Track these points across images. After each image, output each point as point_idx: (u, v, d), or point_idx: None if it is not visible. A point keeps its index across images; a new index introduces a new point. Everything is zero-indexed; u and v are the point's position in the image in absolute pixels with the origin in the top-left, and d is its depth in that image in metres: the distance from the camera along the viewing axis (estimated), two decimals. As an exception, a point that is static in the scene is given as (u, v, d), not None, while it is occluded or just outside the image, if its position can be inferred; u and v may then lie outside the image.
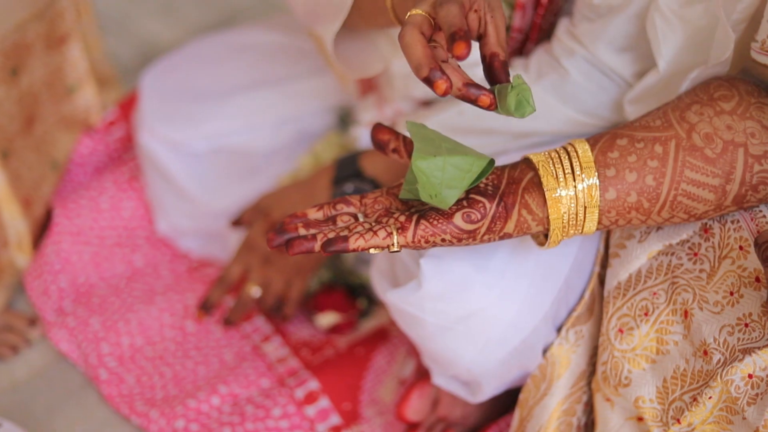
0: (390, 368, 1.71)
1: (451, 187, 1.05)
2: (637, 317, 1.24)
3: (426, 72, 0.96)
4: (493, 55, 1.02)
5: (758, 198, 1.14)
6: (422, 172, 1.04)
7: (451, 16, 0.98)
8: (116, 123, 2.03)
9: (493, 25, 1.03)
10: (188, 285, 1.86)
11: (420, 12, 1.02)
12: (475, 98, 1.00)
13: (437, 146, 1.07)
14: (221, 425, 1.58)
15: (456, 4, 0.99)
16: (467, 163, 1.05)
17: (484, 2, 1.03)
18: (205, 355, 1.75)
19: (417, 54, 0.97)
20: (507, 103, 1.01)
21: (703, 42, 1.27)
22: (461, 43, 0.95)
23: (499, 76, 1.02)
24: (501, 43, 1.03)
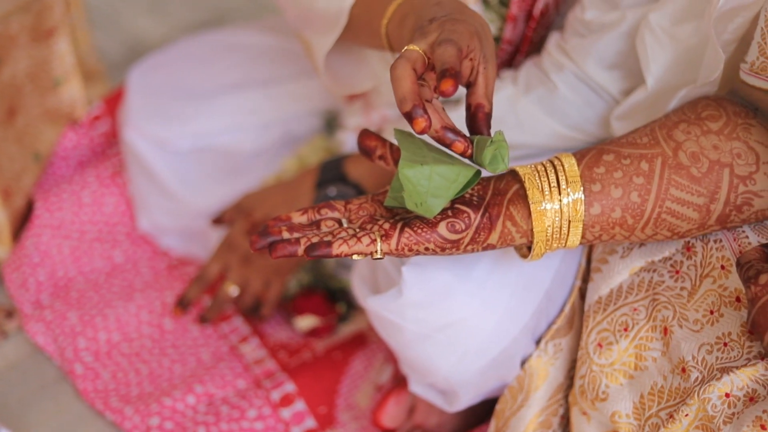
0: (367, 374, 1.71)
1: (437, 196, 1.04)
2: (617, 332, 1.24)
3: (409, 107, 0.98)
4: (478, 105, 1.05)
5: (742, 218, 1.14)
6: (408, 180, 1.04)
7: (447, 55, 0.99)
8: (101, 118, 2.02)
9: (484, 76, 1.05)
10: (167, 283, 1.84)
11: (417, 49, 1.03)
12: (450, 143, 1.02)
13: (424, 155, 1.07)
14: (196, 424, 1.57)
15: (455, 47, 1.00)
16: (453, 172, 1.05)
17: (480, 53, 1.05)
18: (181, 353, 1.73)
19: (404, 88, 0.99)
20: (483, 155, 1.03)
21: (692, 61, 1.27)
22: (450, 80, 0.97)
23: (481, 128, 1.05)
24: (489, 95, 1.05)
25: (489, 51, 1.07)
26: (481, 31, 1.08)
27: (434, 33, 1.05)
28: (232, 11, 2.67)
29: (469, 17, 1.09)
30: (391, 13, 1.18)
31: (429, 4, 1.13)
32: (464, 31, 1.04)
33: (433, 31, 1.05)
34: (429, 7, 1.12)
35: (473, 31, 1.05)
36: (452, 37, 1.02)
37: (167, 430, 1.56)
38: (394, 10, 1.17)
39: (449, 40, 1.01)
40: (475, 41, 1.05)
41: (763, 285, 1.01)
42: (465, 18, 1.07)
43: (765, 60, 1.11)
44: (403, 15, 1.15)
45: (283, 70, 1.88)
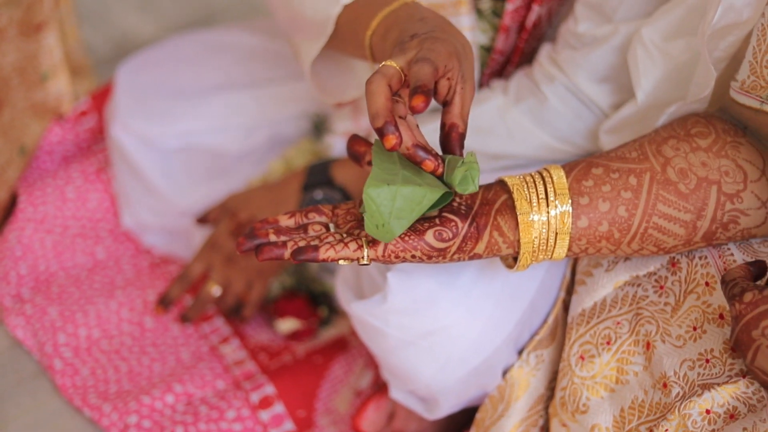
0: (347, 378, 1.70)
1: (400, 217, 1.03)
2: (599, 345, 1.23)
3: (380, 123, 0.98)
4: (452, 125, 1.05)
5: (727, 236, 1.15)
6: (372, 200, 1.02)
7: (422, 73, 0.99)
8: (88, 113, 2.00)
9: (460, 96, 1.05)
10: (149, 281, 1.83)
11: (394, 65, 1.03)
12: (420, 161, 1.03)
13: (395, 172, 1.06)
14: (174, 424, 1.56)
15: (431, 65, 1.00)
16: (419, 194, 1.04)
17: (458, 72, 1.05)
18: (161, 352, 1.72)
19: (378, 104, 0.99)
20: (453, 175, 1.04)
21: (683, 77, 1.27)
22: (421, 96, 0.97)
23: (454, 148, 1.05)
24: (464, 115, 1.05)
25: (468, 71, 1.07)
26: (462, 50, 1.08)
27: (413, 50, 1.05)
28: (222, 11, 2.66)
29: (451, 35, 1.08)
30: (375, 25, 1.18)
31: (413, 19, 1.13)
32: (443, 50, 1.04)
33: (412, 49, 1.05)
34: (413, 22, 1.12)
35: (452, 50, 1.05)
36: (429, 56, 1.02)
37: (145, 428, 1.55)
38: (379, 23, 1.17)
39: (426, 59, 1.01)
40: (453, 61, 1.04)
41: (748, 303, 1.01)
42: (446, 37, 1.07)
43: (756, 79, 1.12)
44: (387, 28, 1.15)
45: (273, 72, 1.87)
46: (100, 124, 2.00)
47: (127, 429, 1.55)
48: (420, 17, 1.13)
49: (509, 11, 1.46)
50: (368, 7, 1.21)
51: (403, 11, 1.16)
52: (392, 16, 1.16)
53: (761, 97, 1.11)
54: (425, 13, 1.14)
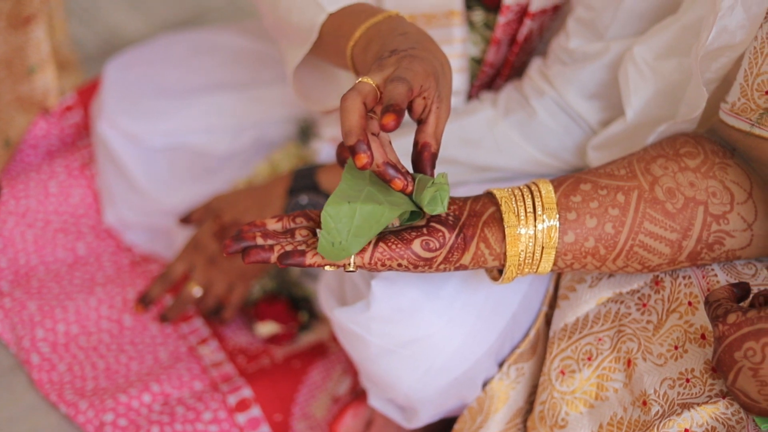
0: (325, 384, 1.69)
1: (359, 235, 1.03)
2: (580, 361, 1.23)
3: (353, 141, 0.97)
4: (425, 144, 1.05)
5: (712, 257, 1.15)
6: (331, 218, 1.02)
7: (395, 93, 0.98)
8: (73, 108, 1.99)
9: (435, 115, 1.05)
10: (129, 279, 1.81)
11: (370, 82, 1.02)
12: (390, 179, 1.02)
13: (360, 189, 1.05)
14: (150, 423, 1.54)
15: (406, 85, 0.99)
16: (377, 213, 1.03)
17: (435, 92, 1.04)
18: (139, 351, 1.71)
19: (351, 122, 0.98)
20: (423, 195, 1.03)
21: (673, 97, 1.27)
22: (392, 115, 0.96)
23: (425, 167, 1.05)
24: (437, 135, 1.05)
25: (444, 90, 1.06)
26: (440, 70, 1.07)
27: (390, 67, 1.04)
28: (211, 11, 2.64)
29: (431, 54, 1.08)
30: (358, 36, 1.17)
31: (395, 33, 1.12)
32: (420, 69, 1.03)
33: (390, 66, 1.04)
34: (394, 36, 1.12)
35: (430, 70, 1.04)
36: (406, 75, 1.01)
37: (121, 427, 1.54)
38: (361, 34, 1.17)
39: (401, 79, 1.00)
40: (430, 80, 1.04)
41: (732, 324, 1.01)
42: (425, 55, 1.06)
43: (746, 101, 1.12)
44: (369, 40, 1.15)
45: (261, 74, 1.86)
46: (85, 120, 1.99)
47: (103, 427, 1.53)
48: (402, 31, 1.12)
49: (501, 24, 1.46)
50: (352, 17, 1.20)
51: (386, 24, 1.16)
52: (375, 28, 1.16)
53: (751, 120, 1.11)
54: (408, 28, 1.14)
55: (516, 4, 1.43)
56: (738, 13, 1.09)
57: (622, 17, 1.33)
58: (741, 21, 1.10)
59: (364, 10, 1.22)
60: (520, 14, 1.45)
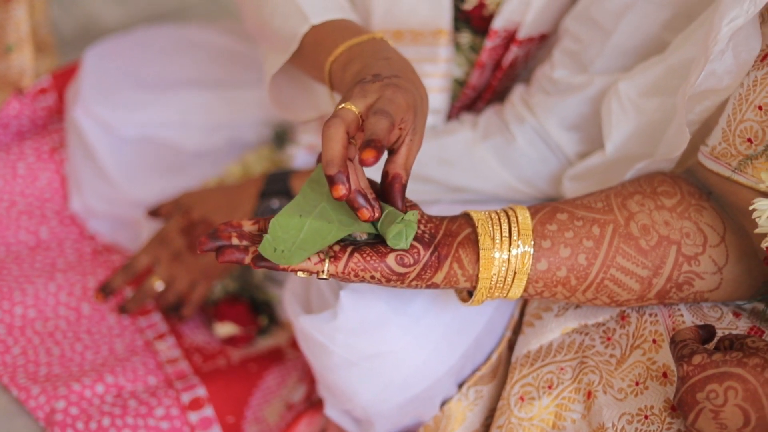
0: (279, 390, 1.67)
1: (303, 248, 1.02)
2: (541, 388, 1.22)
3: (334, 172, 0.96)
4: (396, 176, 1.04)
5: (680, 297, 1.15)
6: (280, 227, 1.02)
7: (378, 127, 0.97)
8: (47, 92, 1.96)
9: (407, 147, 1.04)
10: (91, 267, 1.78)
11: (353, 110, 1.01)
12: (358, 207, 1.01)
13: (315, 205, 1.06)
14: (102, 414, 1.51)
15: (388, 120, 0.98)
16: (325, 230, 1.03)
17: (411, 124, 1.03)
18: (96, 340, 1.68)
19: (334, 151, 0.97)
20: (389, 229, 1.03)
21: (653, 135, 1.27)
22: (373, 151, 0.95)
23: (396, 199, 1.04)
24: (407, 166, 1.04)
25: (420, 123, 1.06)
26: (419, 103, 1.07)
27: (373, 95, 1.03)
28: (191, 6, 2.62)
29: (413, 85, 1.07)
30: (339, 52, 1.16)
31: (378, 57, 1.11)
32: (402, 102, 1.02)
33: (373, 93, 1.03)
34: (377, 60, 1.11)
35: (411, 103, 1.04)
36: (389, 108, 1.00)
37: (72, 415, 1.50)
38: (342, 51, 1.16)
39: (385, 113, 0.99)
40: (410, 114, 1.03)
41: (696, 365, 1.00)
42: (408, 86, 1.05)
43: (727, 146, 1.12)
44: (350, 58, 1.14)
45: (240, 75, 1.85)
46: (58, 104, 1.96)
47: (54, 414, 1.50)
48: (385, 56, 1.11)
49: (487, 48, 1.46)
50: (336, 33, 1.20)
51: (369, 46, 1.15)
52: (358, 48, 1.15)
53: (731, 165, 1.11)
54: (391, 54, 1.13)
55: (504, 30, 1.43)
56: (728, 58, 1.10)
57: (608, 52, 1.33)
58: (729, 66, 1.10)
59: (348, 28, 1.21)
60: (507, 40, 1.45)
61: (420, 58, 1.48)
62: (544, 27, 1.44)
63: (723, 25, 1.06)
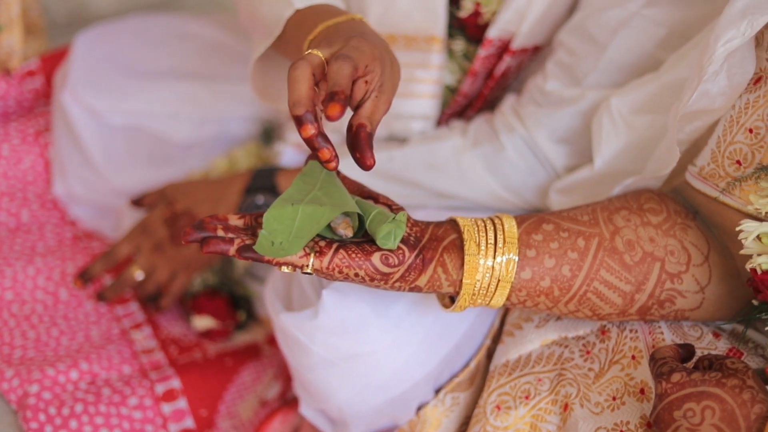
0: (254, 386, 1.66)
1: (300, 236, 1.02)
2: (517, 398, 1.22)
3: (301, 111, 0.95)
4: (360, 125, 1.00)
5: (661, 314, 1.15)
6: (274, 219, 1.02)
7: (340, 75, 0.96)
8: (35, 74, 1.93)
9: (373, 103, 1.02)
10: (70, 253, 1.77)
11: (319, 54, 1.01)
12: (318, 148, 0.98)
13: (306, 193, 1.06)
14: (75, 400, 1.49)
15: (351, 65, 0.98)
16: (318, 213, 1.03)
17: (378, 79, 1.03)
18: (72, 326, 1.66)
19: (300, 92, 0.96)
20: (379, 228, 1.04)
21: (642, 152, 1.27)
22: (337, 105, 0.94)
23: (363, 147, 1.00)
24: (373, 119, 1.02)
25: (387, 84, 1.04)
26: (388, 61, 1.06)
27: (338, 44, 1.03)
28: (182, -2, 2.61)
29: (383, 50, 1.06)
30: (317, 32, 1.15)
31: (352, 32, 1.10)
32: (368, 50, 1.01)
33: (338, 43, 1.03)
34: (351, 34, 1.10)
35: (377, 54, 1.03)
36: (352, 54, 0.99)
37: (44, 400, 1.49)
38: (321, 31, 1.15)
39: (347, 57, 0.98)
40: (376, 64, 1.02)
41: (675, 383, 1.00)
42: (374, 40, 1.05)
43: (715, 167, 1.12)
44: (326, 37, 1.13)
45: (232, 69, 1.84)
46: (45, 87, 1.94)
47: (27, 397, 1.48)
48: (360, 31, 1.11)
49: (481, 57, 1.46)
50: (316, 15, 1.19)
51: (346, 25, 1.14)
52: (334, 27, 1.14)
53: (718, 186, 1.12)
54: (367, 30, 1.12)
55: (498, 39, 1.43)
56: (721, 79, 1.10)
57: (602, 67, 1.34)
58: (723, 87, 1.10)
59: (329, 10, 1.21)
60: (501, 49, 1.45)
61: (412, 63, 1.48)
62: (539, 38, 1.44)
63: (719, 45, 1.07)
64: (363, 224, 1.07)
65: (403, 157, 1.46)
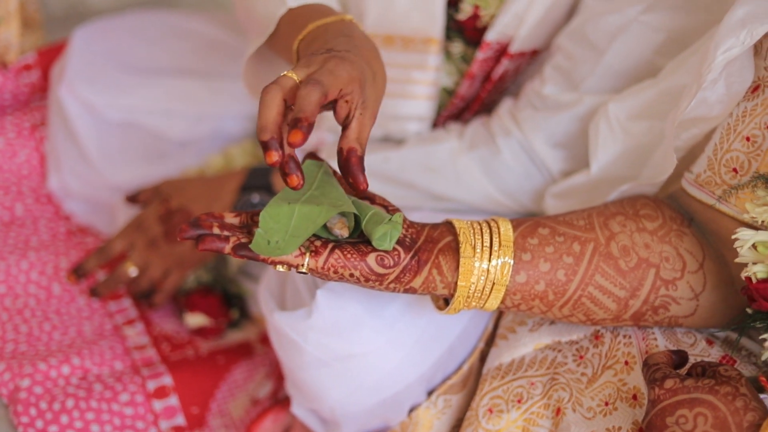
0: (246, 385, 1.66)
1: (296, 235, 1.02)
2: (510, 402, 1.22)
3: (266, 138, 0.95)
4: (351, 150, 1.01)
5: (655, 320, 1.15)
6: (270, 218, 1.02)
7: (306, 101, 0.95)
8: (32, 68, 1.93)
9: (358, 121, 1.02)
10: (64, 248, 1.76)
11: (293, 78, 1.00)
12: (287, 173, 0.99)
13: (304, 191, 1.06)
14: (66, 396, 1.49)
15: (319, 92, 0.97)
16: (314, 213, 1.02)
17: (359, 98, 1.02)
18: (64, 321, 1.66)
19: (268, 118, 0.96)
20: (375, 230, 1.03)
21: (639, 158, 1.27)
22: (299, 132, 0.93)
23: (355, 172, 1.01)
24: (361, 140, 1.02)
25: (371, 99, 1.04)
26: (371, 78, 1.05)
27: (315, 66, 1.01)
28: (181, -6, 2.61)
29: (364, 60, 1.06)
30: (306, 32, 1.15)
31: (340, 34, 1.10)
32: (344, 74, 1.00)
33: (316, 64, 1.02)
34: (338, 36, 1.10)
35: (355, 75, 1.02)
36: (324, 79, 0.98)
37: (36, 394, 1.49)
38: (310, 30, 1.14)
39: (318, 83, 0.97)
40: (354, 86, 1.01)
41: (668, 389, 1.00)
42: (356, 60, 1.04)
43: (712, 174, 1.12)
44: (315, 37, 1.13)
45: (229, 67, 1.83)
46: (42, 81, 1.93)
47: (18, 392, 1.48)
48: (348, 34, 1.10)
49: (479, 60, 1.45)
50: (307, 15, 1.19)
51: (335, 26, 1.14)
52: (323, 27, 1.14)
53: (714, 193, 1.12)
54: (355, 32, 1.12)
55: (496, 43, 1.43)
56: (720, 87, 1.10)
57: (600, 72, 1.33)
58: (721, 96, 1.10)
59: (320, 10, 1.20)
60: (499, 53, 1.45)
61: (409, 64, 1.48)
62: (537, 42, 1.44)
63: (718, 54, 1.07)
64: (359, 225, 1.07)
65: (399, 158, 1.46)
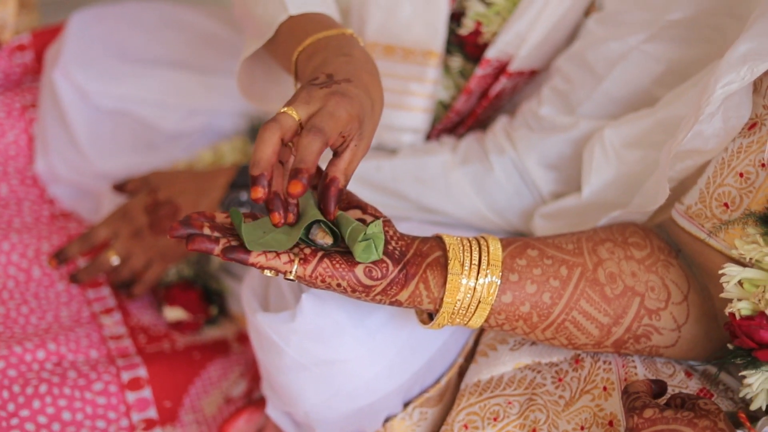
0: (220, 382, 1.65)
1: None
2: (486, 419, 1.21)
3: (257, 173, 0.95)
4: (333, 179, 1.01)
5: (636, 348, 1.15)
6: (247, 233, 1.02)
7: (308, 152, 0.95)
8: (26, 49, 1.91)
9: (351, 152, 1.03)
10: (46, 231, 1.74)
11: (294, 117, 0.99)
12: (271, 210, 0.98)
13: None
14: (40, 380, 1.48)
15: (321, 142, 0.96)
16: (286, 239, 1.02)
17: (357, 132, 1.02)
18: (42, 306, 1.64)
19: (262, 154, 0.96)
20: (356, 246, 1.02)
21: (631, 186, 1.27)
22: (299, 183, 0.94)
23: (328, 202, 1.01)
24: (348, 171, 1.02)
25: (367, 130, 1.04)
26: (368, 109, 1.05)
27: (317, 104, 1.01)
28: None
29: (365, 89, 1.05)
30: (307, 44, 1.15)
31: (340, 52, 1.10)
32: (344, 115, 1.00)
33: (317, 102, 1.01)
34: (338, 55, 1.09)
35: (355, 113, 1.01)
36: (326, 126, 0.97)
37: (9, 377, 1.47)
38: (311, 43, 1.14)
39: (319, 132, 0.96)
40: (353, 124, 1.01)
41: (647, 419, 1.00)
42: (357, 93, 1.03)
43: (702, 207, 1.12)
44: (315, 51, 1.13)
45: (225, 62, 1.82)
46: (35, 63, 1.92)
47: (-9, 373, 1.47)
48: (347, 53, 1.10)
49: (477, 76, 1.45)
50: (308, 25, 1.18)
51: (335, 40, 1.14)
52: (324, 41, 1.14)
53: (703, 227, 1.12)
54: (355, 50, 1.11)
55: (496, 60, 1.43)
56: (717, 121, 1.10)
57: (597, 97, 1.34)
58: (717, 130, 1.10)
59: (322, 21, 1.20)
60: (498, 70, 1.45)
61: (408, 76, 1.48)
62: (536, 63, 1.44)
63: (717, 87, 1.06)
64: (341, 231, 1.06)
65: (391, 167, 1.46)
